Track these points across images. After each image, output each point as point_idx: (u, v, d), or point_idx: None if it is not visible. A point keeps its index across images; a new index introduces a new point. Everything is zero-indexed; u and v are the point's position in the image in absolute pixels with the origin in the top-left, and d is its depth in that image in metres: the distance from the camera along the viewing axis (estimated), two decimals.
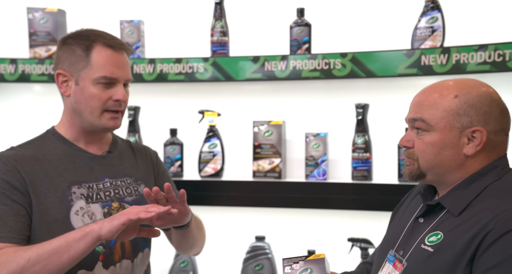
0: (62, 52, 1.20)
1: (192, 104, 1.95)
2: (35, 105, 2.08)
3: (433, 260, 0.91)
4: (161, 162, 1.40)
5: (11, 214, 1.09)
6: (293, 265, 1.04)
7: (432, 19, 1.63)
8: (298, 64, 1.72)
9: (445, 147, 0.96)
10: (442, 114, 0.95)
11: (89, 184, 1.19)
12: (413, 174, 1.01)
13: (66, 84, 1.19)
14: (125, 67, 1.20)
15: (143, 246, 1.26)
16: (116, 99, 1.18)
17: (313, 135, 1.79)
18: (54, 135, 1.22)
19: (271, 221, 1.92)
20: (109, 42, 1.18)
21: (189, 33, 1.96)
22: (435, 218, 0.97)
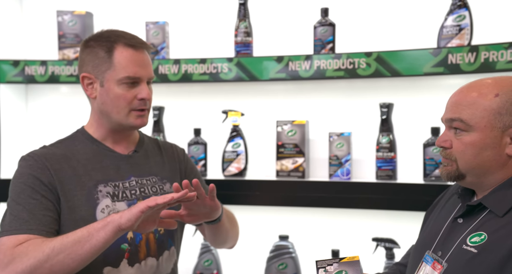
0: (85, 55, 1.22)
1: (216, 104, 1.97)
2: (62, 105, 2.13)
3: (478, 261, 0.90)
4: (189, 159, 1.42)
5: (41, 208, 1.12)
6: (327, 267, 1.04)
7: (459, 17, 1.61)
8: (322, 64, 1.73)
9: (485, 148, 0.94)
10: (482, 113, 0.94)
11: (115, 182, 1.21)
12: (451, 175, 0.99)
13: (92, 86, 1.21)
14: (147, 65, 1.22)
15: (169, 245, 1.27)
16: (141, 98, 1.19)
17: (337, 135, 1.79)
18: (83, 134, 1.25)
19: (294, 220, 1.93)
20: (130, 41, 1.19)
21: (213, 33, 1.99)
22: (475, 219, 0.96)
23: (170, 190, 1.29)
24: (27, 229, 1.10)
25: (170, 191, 1.28)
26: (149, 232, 1.20)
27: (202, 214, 1.19)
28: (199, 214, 1.19)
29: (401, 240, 1.71)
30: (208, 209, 1.19)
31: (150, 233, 1.22)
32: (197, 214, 1.19)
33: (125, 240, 1.17)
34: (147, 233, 1.21)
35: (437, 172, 1.68)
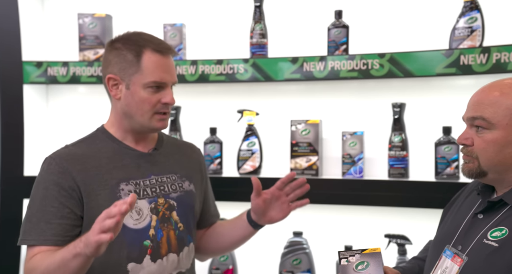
0: (112, 56, 1.24)
1: (232, 104, 2.02)
2: (80, 104, 2.19)
3: (499, 254, 0.93)
4: (205, 163, 1.46)
5: (57, 217, 1.17)
6: (350, 258, 1.07)
7: (471, 20, 1.64)
8: (336, 65, 1.77)
9: (507, 145, 0.97)
10: (504, 112, 0.97)
11: (136, 180, 1.24)
12: (472, 172, 1.02)
13: (117, 87, 1.24)
14: (172, 70, 1.26)
15: (188, 241, 1.31)
16: (165, 102, 1.23)
17: (350, 134, 1.84)
18: (104, 133, 1.29)
19: (308, 217, 1.97)
20: (158, 47, 1.23)
21: (229, 35, 2.04)
22: (496, 215, 0.99)
23: (189, 188, 1.33)
24: (43, 240, 1.15)
25: (189, 189, 1.33)
26: (169, 229, 1.25)
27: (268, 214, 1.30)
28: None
29: (413, 236, 1.75)
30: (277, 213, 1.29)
31: (170, 230, 1.25)
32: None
33: (147, 237, 1.21)
34: (168, 229, 1.25)
35: (448, 170, 1.71)
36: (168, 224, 1.25)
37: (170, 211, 1.27)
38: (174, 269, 1.26)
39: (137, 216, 1.21)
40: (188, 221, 1.31)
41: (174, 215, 1.27)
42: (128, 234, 1.20)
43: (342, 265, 1.08)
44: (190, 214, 1.32)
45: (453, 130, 1.73)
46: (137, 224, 1.21)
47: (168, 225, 1.25)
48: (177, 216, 1.28)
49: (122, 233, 1.18)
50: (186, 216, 1.30)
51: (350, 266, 1.07)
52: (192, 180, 1.35)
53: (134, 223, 1.21)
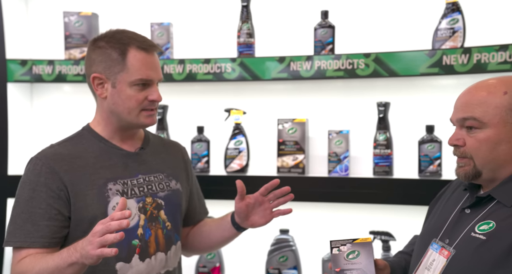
0: (96, 55, 1.23)
1: (219, 103, 2.03)
2: (65, 103, 2.18)
3: (486, 247, 0.96)
4: (190, 162, 1.46)
5: (45, 218, 1.15)
6: (341, 247, 1.10)
7: (452, 21, 1.69)
8: (322, 64, 1.80)
9: (500, 142, 1.01)
10: (494, 110, 1.00)
11: (124, 180, 1.24)
12: (469, 175, 1.04)
13: (102, 86, 1.23)
14: (158, 68, 1.26)
15: (175, 239, 1.31)
16: (151, 99, 1.23)
17: (336, 132, 1.86)
18: (90, 132, 1.28)
19: (295, 214, 1.97)
20: (142, 45, 1.23)
21: (217, 34, 2.05)
22: (483, 209, 1.02)
23: (176, 187, 1.33)
24: (30, 242, 1.14)
25: (176, 188, 1.33)
26: (157, 228, 1.25)
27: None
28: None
29: (397, 233, 1.78)
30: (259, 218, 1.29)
31: (158, 229, 1.26)
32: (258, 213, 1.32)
33: (135, 236, 1.22)
34: (156, 228, 1.26)
35: (431, 168, 1.76)
36: (156, 223, 1.26)
37: (158, 210, 1.27)
38: (162, 268, 1.27)
39: None
40: (175, 220, 1.31)
41: (162, 214, 1.28)
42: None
43: (333, 254, 1.10)
44: (177, 213, 1.33)
45: (436, 128, 1.78)
46: None
47: (156, 224, 1.26)
48: (165, 215, 1.28)
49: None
50: (173, 215, 1.31)
51: (341, 255, 1.09)
52: (178, 179, 1.35)
53: None
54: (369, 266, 1.07)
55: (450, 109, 1.13)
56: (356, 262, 1.08)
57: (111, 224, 1.00)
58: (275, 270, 1.87)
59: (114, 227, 0.99)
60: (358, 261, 1.08)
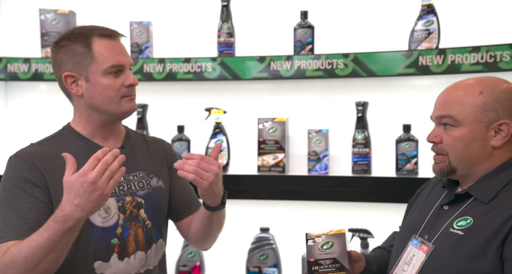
0: (61, 55, 1.20)
1: (199, 102, 2.03)
2: (42, 102, 2.14)
3: (464, 242, 0.99)
4: (175, 154, 1.43)
5: (33, 211, 1.13)
6: (316, 238, 1.13)
7: (428, 22, 1.73)
8: (302, 64, 1.82)
9: (473, 141, 1.04)
10: (469, 110, 1.03)
11: None
12: (443, 171, 1.07)
13: (76, 84, 1.20)
14: (126, 53, 1.24)
15: (156, 238, 1.30)
16: (128, 84, 1.21)
17: (315, 131, 1.89)
18: (70, 132, 1.25)
19: (275, 213, 2.01)
20: (104, 32, 1.21)
21: (197, 33, 2.04)
22: (461, 206, 1.05)
23: (158, 185, 1.32)
24: (18, 235, 1.11)
25: (157, 185, 1.32)
26: (137, 227, 1.24)
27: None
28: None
29: (375, 230, 1.82)
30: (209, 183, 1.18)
31: (138, 228, 1.24)
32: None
33: (115, 235, 1.20)
34: (136, 227, 1.25)
35: (408, 166, 1.80)
36: (136, 222, 1.25)
37: (137, 209, 1.26)
38: (142, 267, 1.26)
39: (105, 214, 1.20)
40: (156, 218, 1.30)
41: (142, 213, 1.27)
42: (95, 232, 1.18)
43: (308, 245, 1.12)
44: (158, 211, 1.32)
45: (412, 127, 1.82)
46: (105, 223, 1.20)
47: (135, 223, 1.25)
48: (145, 213, 1.27)
49: (89, 231, 1.17)
50: (154, 213, 1.30)
51: (316, 246, 1.12)
52: (160, 176, 1.34)
53: (102, 221, 1.19)
54: (343, 255, 1.10)
55: (426, 108, 1.16)
56: (330, 252, 1.10)
57: (107, 158, 1.04)
58: (255, 268, 1.89)
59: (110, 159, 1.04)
60: (332, 251, 1.11)
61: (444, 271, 1.01)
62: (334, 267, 1.09)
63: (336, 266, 1.09)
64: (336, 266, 1.09)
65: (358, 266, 1.17)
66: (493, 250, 0.96)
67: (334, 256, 1.10)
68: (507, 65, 1.62)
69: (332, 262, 1.09)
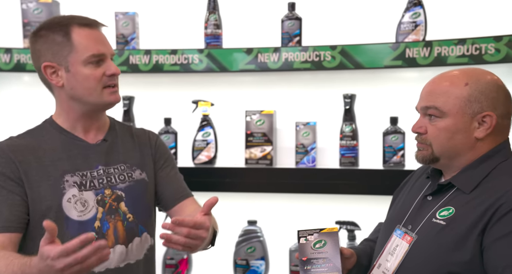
0: (40, 45, 1.18)
1: (186, 94, 2.01)
2: (25, 95, 2.10)
3: (446, 232, 1.00)
4: (162, 145, 1.38)
5: (8, 204, 1.13)
6: (308, 236, 1.12)
7: (415, 15, 1.73)
8: (290, 56, 1.81)
9: (457, 132, 1.04)
10: (454, 101, 1.04)
11: (83, 172, 1.20)
12: (426, 159, 1.08)
13: (56, 74, 1.18)
14: (107, 42, 1.22)
15: (140, 231, 1.28)
16: (110, 73, 1.19)
17: (303, 124, 1.88)
18: (51, 124, 1.24)
19: (262, 206, 2.01)
20: (84, 21, 1.19)
21: (184, 25, 2.02)
22: (444, 196, 1.06)
23: (140, 177, 1.29)
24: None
25: (139, 178, 1.29)
26: (117, 220, 1.22)
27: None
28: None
29: (362, 222, 1.83)
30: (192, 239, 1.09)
31: (118, 221, 1.22)
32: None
33: (92, 229, 1.18)
34: (115, 221, 1.22)
35: (395, 158, 1.81)
36: (116, 216, 1.22)
37: (117, 202, 1.24)
38: (122, 261, 1.23)
39: (82, 207, 1.18)
40: (138, 211, 1.28)
41: (122, 206, 1.25)
42: (71, 226, 1.17)
43: (300, 243, 1.12)
44: (141, 204, 1.30)
45: (399, 120, 1.83)
46: (82, 216, 1.18)
47: (115, 217, 1.22)
48: (126, 206, 1.25)
49: (65, 225, 1.15)
50: (136, 206, 1.27)
51: (308, 245, 1.12)
52: (144, 168, 1.31)
53: (78, 215, 1.18)
54: (335, 255, 1.10)
55: (413, 101, 1.16)
56: (323, 251, 1.10)
57: (85, 254, 0.91)
58: (242, 261, 1.88)
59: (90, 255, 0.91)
60: (325, 250, 1.10)
61: (426, 260, 1.02)
62: (326, 266, 1.09)
63: (329, 266, 1.09)
64: (329, 266, 1.09)
65: (350, 261, 1.18)
66: (473, 239, 0.97)
67: (326, 256, 1.10)
68: (492, 58, 1.64)
69: (324, 262, 1.09)
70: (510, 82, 1.75)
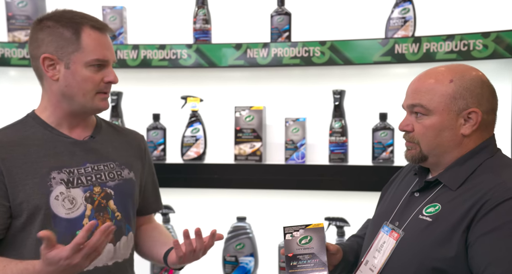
0: (44, 35, 1.16)
1: (175, 90, 1.99)
2: (11, 90, 2.06)
3: (432, 228, 1.00)
4: (149, 150, 1.41)
5: None
6: (294, 232, 1.12)
7: (404, 10, 1.73)
8: (279, 52, 1.80)
9: (444, 129, 1.04)
10: (440, 98, 1.03)
11: (70, 169, 1.18)
12: (415, 158, 1.08)
13: (53, 67, 1.16)
14: (112, 49, 1.22)
15: (127, 230, 1.26)
16: (108, 81, 1.18)
17: (293, 120, 1.88)
18: (34, 119, 1.20)
19: (252, 202, 2.00)
20: (96, 24, 1.18)
21: (172, 19, 2.00)
22: (431, 193, 1.06)
23: (129, 177, 1.28)
24: None
25: (128, 177, 1.27)
26: (106, 218, 1.21)
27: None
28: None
29: (351, 218, 1.83)
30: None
31: (107, 219, 1.20)
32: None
33: (80, 227, 1.15)
34: (104, 219, 1.20)
35: (384, 154, 1.81)
36: (105, 213, 1.21)
37: (106, 200, 1.22)
38: (110, 259, 1.22)
39: (70, 205, 1.16)
40: (126, 210, 1.27)
41: (111, 204, 1.23)
42: (59, 224, 1.14)
43: (286, 239, 1.12)
44: (128, 203, 1.28)
45: (388, 116, 1.83)
46: (70, 214, 1.16)
47: (104, 214, 1.20)
48: (114, 205, 1.23)
49: (53, 222, 1.13)
50: (124, 205, 1.26)
51: (294, 241, 1.11)
52: (132, 168, 1.30)
53: (66, 213, 1.15)
54: (321, 250, 1.10)
55: (402, 97, 1.16)
56: (309, 247, 1.10)
57: (95, 242, 1.00)
58: (231, 257, 1.88)
59: (100, 240, 1.00)
60: (311, 246, 1.10)
61: (412, 257, 1.02)
62: (312, 262, 1.09)
63: (315, 261, 1.09)
64: (315, 262, 1.09)
65: (336, 257, 1.18)
66: (458, 236, 0.97)
67: (312, 251, 1.10)
68: (480, 54, 1.64)
69: (310, 258, 1.09)
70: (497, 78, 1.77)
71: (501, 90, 1.64)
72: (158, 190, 1.44)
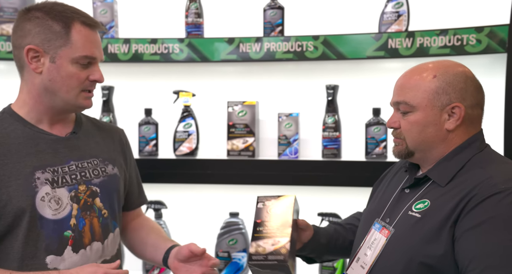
0: (32, 26, 1.13)
1: (167, 85, 1.97)
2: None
3: (421, 224, 1.01)
4: (129, 145, 1.38)
5: None
6: (266, 202, 1.17)
7: (398, 5, 1.72)
8: (272, 46, 1.78)
9: (428, 125, 1.04)
10: (423, 94, 1.04)
11: (54, 167, 1.15)
12: (402, 153, 1.09)
13: (38, 60, 1.13)
14: (100, 47, 1.20)
15: (113, 227, 1.25)
16: (94, 79, 1.16)
17: (286, 115, 1.87)
18: (12, 116, 1.16)
19: (244, 197, 1.98)
20: (87, 20, 1.15)
21: (164, 13, 1.97)
22: (420, 189, 1.06)
23: (113, 172, 1.25)
24: None
25: (112, 173, 1.25)
26: (93, 216, 1.19)
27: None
28: None
29: (344, 213, 1.83)
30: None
31: (94, 218, 1.18)
32: None
33: (68, 227, 1.13)
34: (91, 217, 1.18)
35: (377, 150, 1.80)
36: (91, 212, 1.18)
37: (92, 198, 1.19)
38: (99, 258, 1.20)
39: (56, 205, 1.13)
40: (112, 207, 1.24)
41: (98, 202, 1.20)
42: (46, 226, 1.12)
43: (258, 208, 1.15)
44: (114, 199, 1.25)
45: (382, 111, 1.82)
46: (56, 215, 1.13)
47: (91, 213, 1.18)
48: (101, 202, 1.21)
49: (39, 224, 1.10)
50: (110, 202, 1.23)
51: (265, 209, 1.16)
52: (115, 163, 1.27)
53: (52, 214, 1.12)
54: (288, 219, 1.12)
55: None
56: (276, 213, 1.13)
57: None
58: (224, 253, 1.87)
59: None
60: (278, 212, 1.13)
61: (402, 254, 1.02)
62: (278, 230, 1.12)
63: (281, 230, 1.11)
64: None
65: (306, 235, 1.20)
66: (446, 232, 0.97)
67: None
68: (473, 49, 1.64)
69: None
70: (490, 72, 1.76)
71: (494, 84, 1.65)
72: (141, 184, 1.42)
